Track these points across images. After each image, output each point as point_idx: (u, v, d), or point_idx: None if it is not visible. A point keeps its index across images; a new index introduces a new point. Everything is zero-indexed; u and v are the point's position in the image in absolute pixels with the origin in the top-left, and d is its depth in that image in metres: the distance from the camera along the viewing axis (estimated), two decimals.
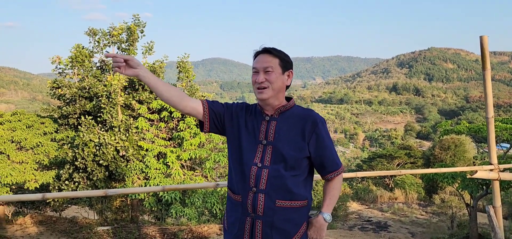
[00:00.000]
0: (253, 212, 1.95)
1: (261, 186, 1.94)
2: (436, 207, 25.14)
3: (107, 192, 2.66)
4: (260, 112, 2.06)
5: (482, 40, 3.17)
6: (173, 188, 2.98)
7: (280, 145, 1.98)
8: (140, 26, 13.02)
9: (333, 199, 2.10)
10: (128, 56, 1.85)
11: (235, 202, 2.03)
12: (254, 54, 2.04)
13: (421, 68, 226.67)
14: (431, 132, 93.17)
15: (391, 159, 32.09)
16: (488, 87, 3.35)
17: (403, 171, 3.81)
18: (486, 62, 3.25)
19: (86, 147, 9.45)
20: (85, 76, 12.49)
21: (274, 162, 1.97)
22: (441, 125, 11.63)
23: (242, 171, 1.99)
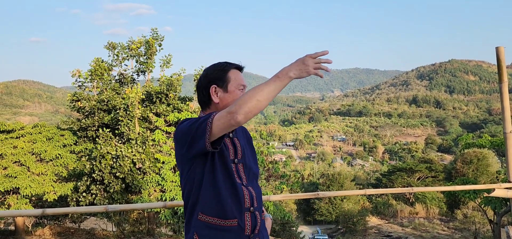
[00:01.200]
0: (252, 233, 1.87)
1: (255, 204, 1.90)
2: (459, 223, 24.49)
3: (108, 208, 2.61)
4: None
5: (498, 51, 3.05)
6: (174, 204, 2.91)
7: (248, 161, 1.96)
8: (158, 40, 13.17)
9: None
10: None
11: (226, 228, 1.85)
12: (228, 67, 1.95)
13: (442, 80, 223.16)
14: (452, 145, 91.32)
15: (412, 173, 31.53)
16: (505, 100, 3.22)
17: (415, 188, 3.67)
18: (503, 74, 3.13)
19: (103, 159, 9.54)
20: (104, 89, 12.67)
21: (249, 179, 1.93)
22: (462, 138, 11.33)
23: (234, 192, 1.86)
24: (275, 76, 1.65)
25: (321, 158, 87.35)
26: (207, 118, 1.72)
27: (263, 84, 1.64)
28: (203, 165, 1.84)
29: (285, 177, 12.30)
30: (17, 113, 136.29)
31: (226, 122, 1.65)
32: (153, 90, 11.79)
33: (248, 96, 1.62)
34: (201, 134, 1.73)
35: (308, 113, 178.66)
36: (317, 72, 1.66)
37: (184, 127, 1.81)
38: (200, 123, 1.74)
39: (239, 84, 1.91)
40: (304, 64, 1.65)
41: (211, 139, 1.72)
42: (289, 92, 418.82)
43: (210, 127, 1.70)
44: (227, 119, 1.65)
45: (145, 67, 13.00)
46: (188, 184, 1.88)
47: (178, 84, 12.35)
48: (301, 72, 1.65)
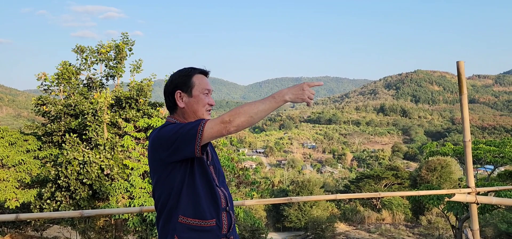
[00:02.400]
0: (228, 231, 1.96)
1: (229, 204, 2.00)
2: (423, 229, 25.22)
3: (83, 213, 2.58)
4: None
5: (459, 65, 3.22)
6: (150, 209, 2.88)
7: (217, 164, 2.06)
8: (129, 44, 13.00)
9: None
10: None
11: (206, 229, 1.90)
12: (193, 72, 2.00)
13: (408, 89, 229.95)
14: (417, 153, 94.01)
15: (379, 180, 32.25)
16: (465, 111, 3.39)
17: (382, 193, 3.80)
18: (462, 87, 3.30)
19: (69, 165, 9.29)
20: (71, 93, 12.37)
21: (219, 180, 2.02)
22: (426, 146, 11.74)
23: (212, 193, 1.93)
24: (271, 96, 1.74)
25: (291, 165, 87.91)
26: (197, 125, 1.76)
27: (259, 101, 1.72)
28: (184, 169, 1.87)
29: (255, 184, 12.33)
30: None
31: (219, 130, 1.72)
32: (123, 95, 11.61)
33: (243, 110, 1.69)
34: (189, 140, 1.75)
35: (279, 120, 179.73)
36: (310, 101, 1.78)
37: (168, 132, 1.82)
38: (188, 129, 1.77)
39: (203, 89, 1.96)
40: (302, 90, 1.77)
41: (201, 145, 1.76)
42: None
43: (202, 133, 1.73)
44: (220, 128, 1.71)
45: (115, 71, 12.79)
46: (166, 188, 1.89)
47: (149, 90, 12.20)
48: (297, 98, 1.76)
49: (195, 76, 1.98)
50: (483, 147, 10.94)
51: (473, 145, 11.69)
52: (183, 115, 1.99)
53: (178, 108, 1.97)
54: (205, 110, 1.96)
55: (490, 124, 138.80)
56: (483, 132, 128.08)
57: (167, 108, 2.03)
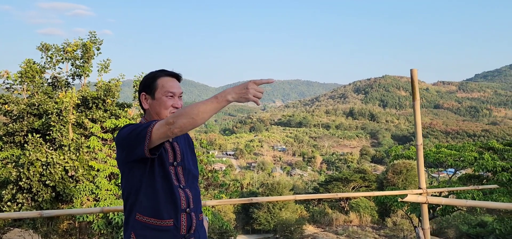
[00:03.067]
0: (187, 232, 1.97)
1: (191, 205, 2.00)
2: (389, 230, 25.87)
3: (43, 213, 2.55)
4: None
5: (412, 73, 3.38)
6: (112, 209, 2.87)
7: (187, 164, 2.07)
8: (97, 43, 12.74)
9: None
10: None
11: (162, 228, 1.93)
12: (158, 75, 2.03)
13: (376, 94, 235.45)
14: (385, 156, 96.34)
15: (347, 182, 32.83)
16: (417, 117, 3.56)
17: (339, 194, 3.91)
18: (415, 93, 3.47)
19: (32, 167, 9.00)
20: (35, 92, 11.99)
21: (188, 181, 2.05)
22: (392, 150, 12.08)
23: (171, 194, 1.95)
24: (214, 97, 1.69)
25: (261, 168, 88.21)
26: (148, 126, 1.79)
27: (201, 102, 1.68)
28: (142, 168, 1.92)
29: (224, 186, 12.31)
30: None
31: (164, 132, 1.73)
32: (90, 95, 11.36)
33: (185, 111, 1.69)
34: (140, 141, 1.79)
35: (249, 122, 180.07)
36: (256, 100, 1.67)
37: (125, 133, 1.87)
38: (140, 130, 1.81)
39: (166, 91, 1.99)
40: (246, 89, 1.66)
41: (150, 146, 1.79)
42: None
43: (150, 135, 1.76)
44: (165, 130, 1.72)
45: (81, 71, 12.49)
46: (128, 186, 1.96)
47: (117, 90, 11.99)
48: (240, 97, 1.66)
49: (160, 78, 2.01)
50: (444, 151, 11.37)
51: (435, 149, 12.15)
52: (149, 116, 2.04)
53: (145, 109, 2.06)
54: (168, 112, 1.98)
55: (453, 129, 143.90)
56: (447, 137, 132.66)
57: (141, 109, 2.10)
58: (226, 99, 1.66)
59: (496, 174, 9.49)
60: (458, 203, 4.84)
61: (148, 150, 1.79)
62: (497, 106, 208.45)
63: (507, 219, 9.71)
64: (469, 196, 9.33)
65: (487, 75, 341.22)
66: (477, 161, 10.28)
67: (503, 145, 11.70)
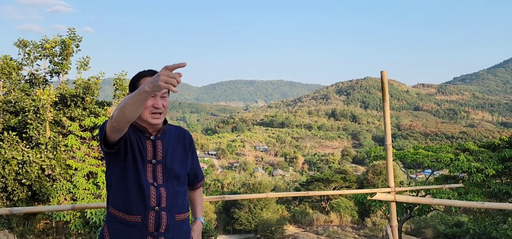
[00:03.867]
0: (156, 231, 1.97)
1: (162, 204, 1.99)
2: (368, 230, 26.20)
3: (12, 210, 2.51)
4: (142, 131, 2.05)
5: (382, 75, 3.45)
6: (83, 207, 2.85)
7: (170, 163, 2.05)
8: (76, 40, 12.54)
9: (202, 204, 2.39)
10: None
11: (130, 223, 1.97)
12: (141, 75, 2.04)
13: (358, 96, 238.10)
14: (365, 157, 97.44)
15: (328, 183, 33.13)
16: (387, 117, 3.66)
17: (311, 192, 3.96)
18: (385, 94, 3.56)
19: (7, 165, 8.82)
20: (11, 89, 11.74)
21: (167, 180, 2.03)
22: (371, 151, 12.23)
23: (141, 191, 1.97)
24: (137, 90, 1.67)
25: (243, 168, 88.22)
26: (105, 123, 1.89)
27: (128, 96, 1.71)
28: (116, 163, 1.99)
29: (205, 186, 12.29)
30: None
31: (109, 126, 1.82)
32: (68, 93, 11.17)
33: (118, 105, 1.74)
34: (101, 136, 1.91)
35: (232, 122, 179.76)
36: (170, 87, 1.56)
37: (99, 130, 1.99)
38: (102, 126, 1.93)
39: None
40: (158, 77, 1.56)
41: (107, 141, 1.89)
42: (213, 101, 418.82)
43: (104, 131, 1.87)
44: (109, 124, 1.81)
45: (60, 68, 12.28)
46: (107, 179, 2.06)
47: (96, 88, 11.83)
48: (154, 85, 1.58)
49: (143, 79, 2.02)
50: (422, 152, 11.60)
51: (413, 150, 12.39)
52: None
53: None
54: (148, 112, 1.98)
55: (432, 131, 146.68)
56: (426, 138, 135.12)
57: None
58: (144, 90, 1.61)
59: (471, 175, 9.73)
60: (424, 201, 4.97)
61: (103, 145, 1.90)
62: (475, 109, 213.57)
63: (481, 219, 9.97)
64: (445, 196, 9.54)
65: (465, 78, 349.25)
66: (453, 162, 10.51)
67: (478, 147, 12.00)
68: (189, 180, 2.25)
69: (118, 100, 12.45)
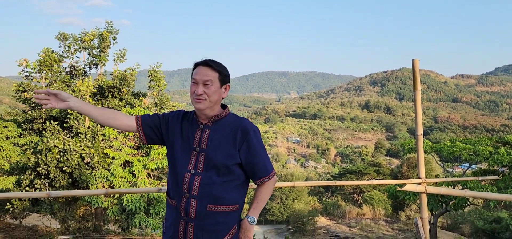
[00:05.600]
0: (186, 216, 2.06)
1: (193, 192, 2.05)
2: (402, 224, 25.67)
3: (50, 194, 2.66)
4: (196, 120, 2.17)
5: (414, 63, 3.37)
6: (116, 191, 3.00)
7: (212, 152, 2.08)
8: (113, 33, 12.90)
9: (260, 203, 2.21)
10: (56, 91, 2.01)
11: (171, 206, 2.15)
12: (194, 65, 2.15)
13: (393, 87, 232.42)
14: (400, 150, 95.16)
15: (361, 176, 32.65)
16: (418, 107, 3.58)
17: (338, 182, 3.95)
18: (416, 83, 3.47)
19: (49, 153, 9.23)
20: (53, 80, 12.24)
21: (206, 169, 2.07)
22: (405, 143, 11.96)
23: (176, 177, 2.10)
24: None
25: (275, 159, 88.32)
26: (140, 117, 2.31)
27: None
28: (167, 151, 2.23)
29: None
30: None
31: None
32: (106, 84, 11.54)
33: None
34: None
35: (264, 114, 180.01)
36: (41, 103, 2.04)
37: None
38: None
39: (192, 79, 2.13)
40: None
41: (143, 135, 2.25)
42: (246, 92, 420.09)
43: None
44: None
45: (98, 60, 12.69)
46: None
47: (132, 79, 12.16)
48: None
49: (195, 68, 2.14)
50: (459, 145, 11.22)
51: (450, 143, 12.00)
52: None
53: None
54: (193, 98, 2.10)
55: (471, 123, 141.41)
56: (464, 131, 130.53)
57: None
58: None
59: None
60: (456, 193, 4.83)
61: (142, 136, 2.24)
62: None
63: None
64: (483, 190, 9.22)
65: (508, 68, 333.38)
66: (492, 156, 10.12)
67: None
68: (249, 175, 2.19)
69: (153, 91, 12.73)
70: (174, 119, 2.20)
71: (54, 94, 2.01)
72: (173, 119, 2.20)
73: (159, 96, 12.61)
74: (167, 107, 12.51)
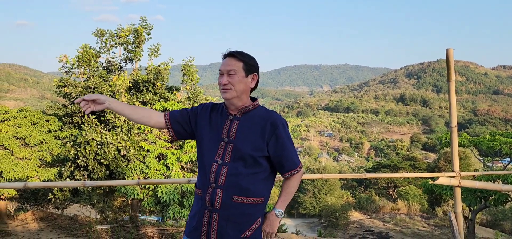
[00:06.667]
0: (211, 206, 2.08)
1: (219, 182, 2.07)
2: (439, 220, 24.97)
3: (86, 184, 2.78)
4: (226, 111, 2.19)
5: (448, 52, 3.25)
6: (147, 182, 3.08)
7: (240, 143, 2.09)
8: (147, 29, 13.17)
9: (288, 196, 2.21)
10: (95, 96, 2.11)
11: (197, 196, 2.19)
12: (223, 57, 2.17)
13: (430, 79, 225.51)
14: (437, 144, 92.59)
15: (395, 170, 31.97)
16: (452, 98, 3.44)
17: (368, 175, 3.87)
18: (451, 73, 3.34)
19: (88, 146, 9.57)
20: (91, 75, 12.64)
21: (233, 160, 2.08)
22: (442, 136, 11.60)
23: (204, 167, 2.14)
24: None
25: (308, 153, 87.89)
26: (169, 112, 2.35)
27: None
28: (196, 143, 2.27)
29: None
30: (2, 97, 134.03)
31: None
32: (140, 79, 11.82)
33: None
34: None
35: (296, 107, 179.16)
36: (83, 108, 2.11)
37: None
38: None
39: (219, 70, 2.16)
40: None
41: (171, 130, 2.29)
42: (278, 86, 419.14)
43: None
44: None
45: (133, 55, 13.00)
46: None
47: (166, 74, 12.38)
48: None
49: (223, 60, 2.17)
50: (499, 138, 10.78)
51: (489, 136, 11.54)
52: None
53: None
54: (221, 89, 2.14)
55: None
56: (506, 124, 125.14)
57: None
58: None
59: None
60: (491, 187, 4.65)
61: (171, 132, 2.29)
62: None
63: None
64: None
65: None
66: None
67: None
68: (277, 168, 2.20)
69: (186, 85, 12.92)
70: (203, 112, 2.23)
71: (93, 99, 2.11)
72: (202, 111, 2.24)
73: (192, 90, 12.79)
74: (200, 101, 12.67)
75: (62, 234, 9.98)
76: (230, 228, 2.07)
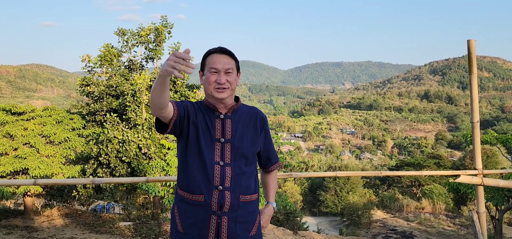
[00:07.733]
0: (219, 210, 1.98)
1: (226, 183, 1.99)
2: (464, 219, 24.37)
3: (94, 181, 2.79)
4: (212, 110, 2.07)
5: (469, 44, 3.10)
6: (156, 179, 3.06)
7: (238, 142, 2.04)
8: (168, 27, 13.27)
9: (275, 189, 2.33)
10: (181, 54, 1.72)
11: (194, 203, 2.00)
12: (208, 53, 2.07)
13: (455, 76, 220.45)
14: (463, 141, 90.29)
15: (420, 168, 31.37)
16: (474, 92, 3.29)
17: (383, 172, 3.76)
18: (473, 66, 3.20)
19: (110, 144, 9.70)
20: (113, 74, 12.83)
21: (234, 159, 2.02)
22: (467, 134, 11.27)
23: (204, 170, 1.99)
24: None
25: (329, 151, 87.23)
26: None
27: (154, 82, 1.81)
28: (180, 144, 2.07)
29: (289, 167, 12.39)
30: (30, 96, 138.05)
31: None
32: None
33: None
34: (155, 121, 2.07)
35: (318, 105, 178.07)
36: (173, 71, 1.64)
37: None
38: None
39: (210, 68, 2.03)
40: (167, 61, 1.66)
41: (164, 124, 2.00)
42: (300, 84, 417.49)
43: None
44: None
45: (154, 54, 13.12)
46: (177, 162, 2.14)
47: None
48: (165, 70, 1.67)
49: (210, 56, 2.06)
50: None
51: None
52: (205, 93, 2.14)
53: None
54: (213, 88, 2.01)
55: None
56: None
57: None
58: (159, 74, 1.71)
59: None
60: None
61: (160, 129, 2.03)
62: None
63: None
64: None
65: None
66: None
67: None
68: (262, 162, 2.25)
69: None
70: (196, 109, 2.08)
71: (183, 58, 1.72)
72: (196, 108, 2.08)
73: None
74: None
75: (86, 230, 10.18)
76: (239, 229, 2.02)
